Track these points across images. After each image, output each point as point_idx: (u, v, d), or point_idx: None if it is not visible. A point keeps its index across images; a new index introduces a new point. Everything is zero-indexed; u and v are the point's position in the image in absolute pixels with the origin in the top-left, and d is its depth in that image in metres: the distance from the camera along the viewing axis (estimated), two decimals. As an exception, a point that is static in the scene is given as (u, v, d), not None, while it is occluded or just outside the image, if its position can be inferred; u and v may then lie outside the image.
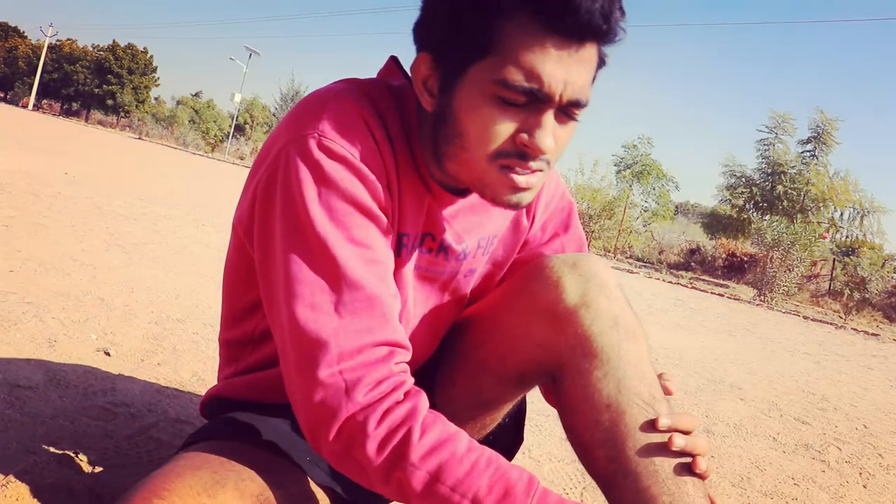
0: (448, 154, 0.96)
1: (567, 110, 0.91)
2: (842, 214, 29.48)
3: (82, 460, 1.42)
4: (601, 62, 0.93)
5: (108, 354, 2.13)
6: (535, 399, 1.35)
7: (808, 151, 30.61)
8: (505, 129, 0.89)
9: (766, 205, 29.95)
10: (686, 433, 1.00)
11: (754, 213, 30.12)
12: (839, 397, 4.46)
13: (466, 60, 0.89)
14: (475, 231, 1.14)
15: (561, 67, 0.86)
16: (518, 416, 1.34)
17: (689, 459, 0.98)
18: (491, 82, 0.87)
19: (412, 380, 0.93)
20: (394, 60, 1.12)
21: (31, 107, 54.44)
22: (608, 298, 1.06)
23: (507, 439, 1.33)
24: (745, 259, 22.27)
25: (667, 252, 24.73)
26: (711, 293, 14.16)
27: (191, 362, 2.26)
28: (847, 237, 29.52)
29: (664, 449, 0.97)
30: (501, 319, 1.15)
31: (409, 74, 1.00)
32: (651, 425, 0.98)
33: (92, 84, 52.29)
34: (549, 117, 0.89)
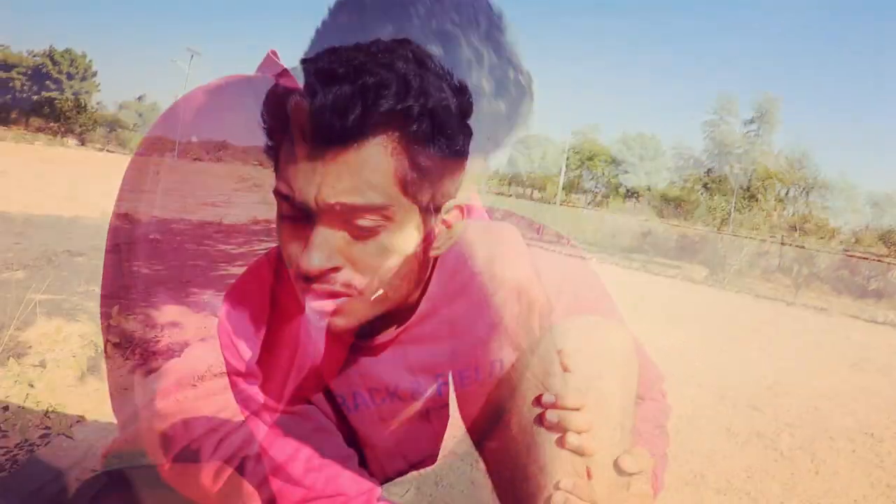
0: None
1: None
2: (787, 191, 30.19)
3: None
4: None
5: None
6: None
7: (753, 131, 31.26)
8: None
9: (714, 185, 30.49)
10: (574, 410, 0.95)
11: (704, 194, 30.64)
12: (791, 379, 4.50)
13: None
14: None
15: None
16: None
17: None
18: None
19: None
20: (274, 54, 1.06)
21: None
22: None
23: None
24: (697, 239, 22.63)
25: (619, 235, 24.99)
26: (665, 275, 14.32)
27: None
28: (794, 213, 30.26)
29: (546, 425, 0.94)
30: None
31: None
32: (538, 402, 0.96)
33: (30, 91, 50.80)
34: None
